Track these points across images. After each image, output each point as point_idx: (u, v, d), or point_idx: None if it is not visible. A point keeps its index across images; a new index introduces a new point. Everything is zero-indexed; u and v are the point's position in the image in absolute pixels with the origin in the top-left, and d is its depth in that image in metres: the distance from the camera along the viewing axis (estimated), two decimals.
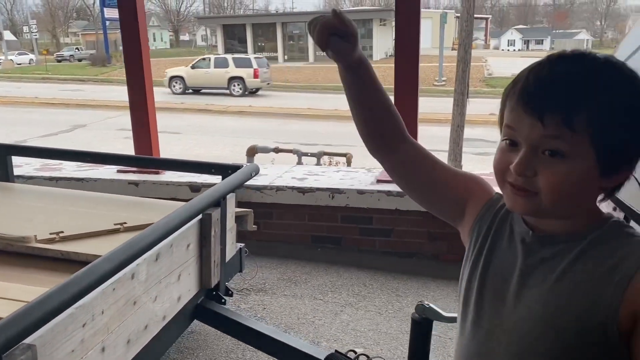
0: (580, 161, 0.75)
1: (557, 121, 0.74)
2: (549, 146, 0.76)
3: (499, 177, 0.83)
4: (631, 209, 1.06)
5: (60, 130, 13.65)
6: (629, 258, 0.75)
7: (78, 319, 1.44)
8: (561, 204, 0.79)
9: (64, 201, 2.72)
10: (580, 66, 0.76)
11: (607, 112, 0.74)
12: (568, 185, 0.77)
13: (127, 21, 3.69)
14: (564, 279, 0.79)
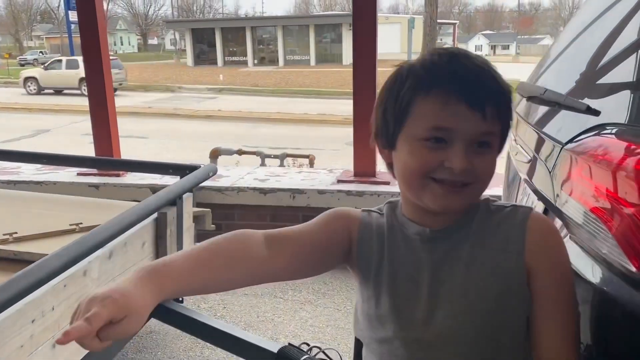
0: (495, 149, 0.84)
1: (493, 114, 0.79)
2: (482, 138, 0.80)
3: (419, 179, 0.82)
4: (548, 200, 1.14)
5: (22, 136, 13.35)
6: (513, 227, 0.84)
7: (27, 315, 1.45)
8: (484, 191, 0.86)
9: (19, 203, 2.70)
10: (482, 61, 0.82)
11: (510, 103, 0.84)
12: (493, 172, 0.85)
13: (86, 24, 3.68)
14: (473, 265, 0.84)
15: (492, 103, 0.79)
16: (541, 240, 0.84)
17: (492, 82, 0.80)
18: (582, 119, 1.04)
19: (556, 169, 1.09)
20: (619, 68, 1.13)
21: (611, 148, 0.89)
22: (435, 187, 0.81)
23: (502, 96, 0.81)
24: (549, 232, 0.85)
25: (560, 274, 0.84)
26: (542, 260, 0.83)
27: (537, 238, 0.83)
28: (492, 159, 0.83)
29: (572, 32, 1.62)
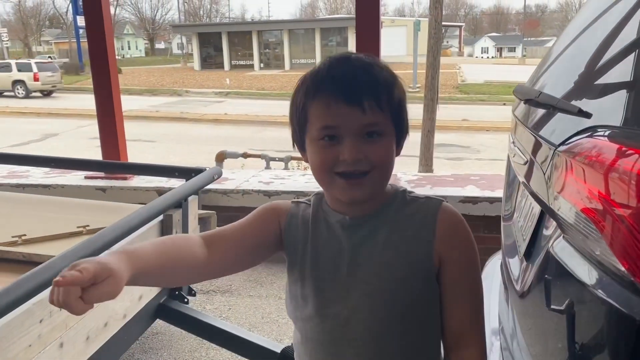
0: (389, 136, 0.92)
1: (372, 106, 0.88)
2: (369, 129, 0.89)
3: (326, 175, 0.91)
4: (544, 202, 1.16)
5: (31, 140, 13.47)
6: (426, 217, 0.95)
7: (35, 315, 1.49)
8: (386, 177, 0.94)
9: (28, 206, 2.74)
10: (360, 60, 0.92)
11: (393, 93, 0.91)
12: (389, 157, 0.92)
13: (94, 29, 3.73)
14: (387, 249, 0.94)
15: (368, 97, 0.87)
16: (449, 230, 0.94)
17: (367, 78, 0.89)
18: (575, 121, 1.06)
19: (550, 171, 1.11)
20: (612, 70, 1.15)
21: (602, 150, 0.91)
22: (340, 181, 0.90)
23: (378, 89, 0.89)
24: (457, 223, 0.95)
25: (468, 261, 0.95)
26: (451, 248, 0.94)
27: (446, 228, 0.94)
28: (384, 146, 0.90)
29: (570, 34, 1.63)
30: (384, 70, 0.92)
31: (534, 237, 1.27)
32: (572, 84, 1.35)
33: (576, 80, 1.34)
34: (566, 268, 0.97)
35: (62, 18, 62.07)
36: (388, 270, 0.93)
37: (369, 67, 0.90)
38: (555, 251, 1.03)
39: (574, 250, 0.97)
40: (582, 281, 0.92)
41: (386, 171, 0.92)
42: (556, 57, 1.64)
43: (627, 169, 0.86)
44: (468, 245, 0.96)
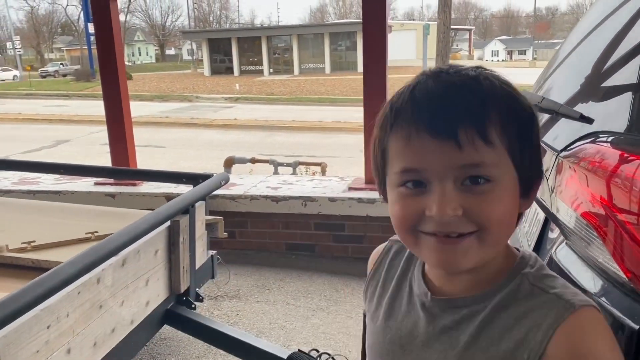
0: (507, 181, 0.64)
1: (472, 136, 0.61)
2: (471, 172, 0.62)
3: (410, 233, 0.67)
4: (547, 207, 1.15)
5: (43, 146, 13.61)
6: (538, 328, 0.62)
7: (42, 321, 1.50)
8: (500, 242, 0.66)
9: (38, 212, 2.77)
10: (461, 76, 0.65)
11: (515, 118, 0.64)
12: (505, 213, 0.64)
13: (102, 36, 3.77)
14: (465, 354, 0.67)
15: (467, 126, 0.60)
16: (570, 354, 0.61)
17: (465, 99, 0.62)
18: (577, 126, 1.06)
19: (552, 176, 1.10)
20: (615, 76, 1.14)
21: (604, 156, 0.91)
22: (429, 240, 0.65)
23: (483, 113, 0.61)
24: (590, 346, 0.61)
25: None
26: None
27: (564, 352, 0.61)
28: (496, 196, 0.62)
29: (575, 39, 1.63)
30: (497, 86, 0.64)
31: (539, 242, 1.27)
32: (576, 88, 1.34)
33: (580, 85, 1.34)
34: (568, 274, 0.97)
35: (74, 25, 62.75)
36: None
37: (469, 83, 0.63)
38: (558, 257, 1.03)
39: (576, 257, 0.97)
40: (583, 288, 0.91)
41: (498, 231, 0.64)
42: (561, 61, 1.63)
43: (629, 175, 0.85)
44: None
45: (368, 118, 3.49)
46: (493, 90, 0.64)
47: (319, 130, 15.77)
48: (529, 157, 0.65)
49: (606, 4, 1.55)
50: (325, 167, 5.26)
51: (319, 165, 5.36)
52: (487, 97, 0.63)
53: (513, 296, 0.65)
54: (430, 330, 0.71)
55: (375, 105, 3.19)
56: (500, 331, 0.64)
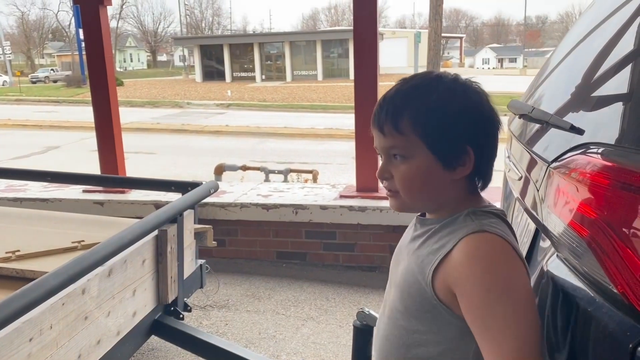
0: (418, 159, 0.93)
1: (390, 129, 0.93)
2: (392, 151, 0.95)
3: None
4: (537, 219, 1.14)
5: (32, 152, 13.49)
6: (450, 240, 0.92)
7: (24, 333, 1.47)
8: (417, 197, 0.97)
9: (24, 221, 2.73)
10: (407, 83, 0.96)
11: (422, 113, 0.92)
12: (414, 181, 0.94)
13: (92, 42, 3.75)
14: (415, 253, 0.98)
15: (389, 122, 0.93)
16: (459, 263, 0.89)
17: (391, 103, 0.94)
18: (568, 137, 1.05)
19: (542, 187, 1.09)
20: (606, 85, 1.13)
21: (594, 168, 0.90)
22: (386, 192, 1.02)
23: (397, 113, 0.92)
24: (472, 257, 0.88)
25: (477, 299, 0.86)
26: (457, 282, 0.89)
27: (457, 259, 0.89)
28: (405, 168, 0.94)
29: (565, 48, 1.63)
30: (422, 91, 0.93)
31: (530, 253, 1.26)
32: (567, 98, 1.33)
33: (570, 94, 1.33)
34: (559, 287, 0.95)
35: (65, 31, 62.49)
36: (405, 276, 0.98)
37: (403, 90, 0.95)
38: (548, 269, 1.01)
39: (567, 269, 0.95)
40: (575, 301, 0.90)
41: (411, 192, 0.95)
42: (551, 70, 1.63)
43: (619, 188, 0.84)
44: (477, 283, 0.86)
45: (359, 125, 3.48)
46: (413, 96, 0.93)
47: (311, 137, 15.76)
48: (445, 141, 0.92)
49: (596, 13, 1.55)
50: (316, 174, 5.24)
51: (311, 172, 5.34)
52: (406, 101, 0.93)
53: (453, 221, 0.95)
54: (411, 238, 1.03)
55: (367, 113, 3.18)
56: (436, 239, 0.95)
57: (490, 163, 0.97)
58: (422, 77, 0.96)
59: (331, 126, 17.15)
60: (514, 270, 0.88)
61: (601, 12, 1.48)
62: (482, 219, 0.93)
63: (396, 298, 1.01)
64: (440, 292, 0.92)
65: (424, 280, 0.93)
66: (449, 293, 0.90)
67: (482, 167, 0.95)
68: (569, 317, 0.89)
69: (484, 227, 0.90)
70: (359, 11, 3.38)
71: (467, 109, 0.92)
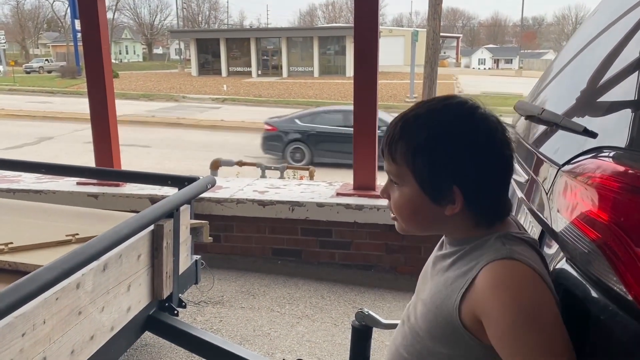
0: (407, 188, 0.96)
1: (387, 156, 0.97)
2: (390, 176, 0.99)
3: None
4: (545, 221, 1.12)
5: (25, 143, 13.40)
6: (478, 265, 0.90)
7: (17, 328, 1.43)
8: (410, 224, 0.99)
9: (16, 212, 2.69)
10: (415, 107, 0.98)
11: (412, 148, 0.93)
12: (404, 208, 0.97)
13: (89, 33, 3.70)
14: (444, 274, 0.97)
15: (387, 148, 0.97)
16: (485, 291, 0.88)
17: (394, 129, 0.96)
18: (580, 140, 1.03)
19: (553, 191, 1.07)
20: (618, 88, 1.12)
21: (608, 172, 0.88)
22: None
23: (392, 143, 0.95)
24: (498, 285, 0.87)
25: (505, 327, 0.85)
26: (483, 310, 0.87)
27: (483, 286, 0.88)
28: (397, 195, 0.97)
29: (574, 48, 1.61)
30: (418, 124, 0.94)
31: None
32: (574, 101, 1.32)
33: (577, 98, 1.31)
34: (569, 292, 0.93)
35: (60, 21, 62.04)
36: (432, 296, 0.98)
37: (405, 119, 0.96)
38: (557, 274, 0.99)
39: (578, 275, 0.93)
40: (585, 307, 0.88)
41: (403, 218, 0.99)
42: (557, 72, 1.61)
43: (633, 193, 0.82)
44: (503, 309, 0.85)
45: (357, 124, 3.45)
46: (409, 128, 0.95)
47: None
48: (430, 180, 0.93)
49: (601, 18, 1.54)
50: (313, 171, 5.21)
51: (307, 169, 5.31)
52: (402, 132, 0.95)
53: (483, 244, 0.93)
54: (436, 257, 1.04)
55: (365, 111, 3.16)
56: (463, 262, 0.94)
57: (493, 198, 0.95)
58: (430, 105, 0.96)
59: None
60: (541, 298, 0.87)
61: (607, 16, 1.46)
62: (513, 244, 0.91)
63: (421, 315, 0.99)
64: (465, 318, 0.90)
65: (451, 305, 0.91)
66: (475, 320, 0.89)
67: (481, 203, 0.93)
68: (579, 324, 0.88)
69: (512, 254, 0.89)
70: (360, 8, 3.35)
71: (462, 149, 0.91)
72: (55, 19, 65.22)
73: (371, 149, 3.47)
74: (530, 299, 0.85)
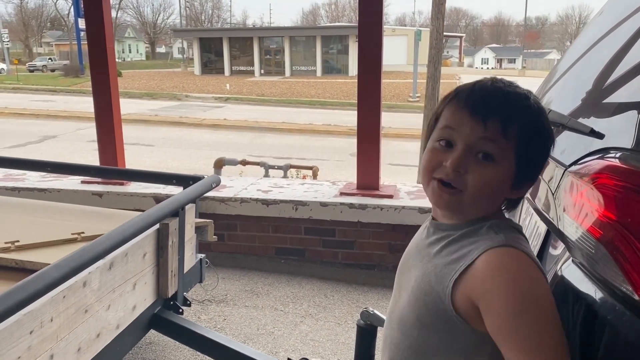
0: (504, 167, 0.89)
1: (496, 126, 0.87)
2: (484, 148, 0.88)
3: (427, 175, 0.94)
4: (550, 221, 1.13)
5: (28, 141, 13.43)
6: (472, 252, 0.89)
7: (25, 326, 1.45)
8: (481, 202, 0.92)
9: (22, 211, 2.70)
10: (514, 89, 0.91)
11: (529, 129, 0.90)
12: (491, 187, 0.90)
13: (94, 32, 3.71)
14: (432, 261, 0.95)
15: (495, 117, 0.88)
16: (484, 276, 0.87)
17: (503, 100, 0.89)
18: (586, 141, 1.03)
19: (559, 191, 1.08)
20: (624, 89, 1.12)
21: (615, 173, 0.88)
22: (434, 184, 0.93)
23: (510, 114, 0.88)
24: (499, 271, 0.86)
25: (504, 312, 0.85)
26: (482, 296, 0.87)
27: (482, 272, 0.87)
28: (490, 173, 0.89)
29: (580, 49, 1.61)
30: (532, 103, 0.91)
31: (540, 256, 1.24)
32: (580, 102, 1.32)
33: (583, 99, 1.31)
34: (575, 293, 0.94)
35: (64, 20, 62.11)
36: (420, 283, 0.95)
37: (513, 93, 0.90)
38: (564, 274, 1.00)
39: (584, 275, 0.94)
40: (591, 308, 0.89)
41: (480, 197, 0.90)
42: (563, 73, 1.61)
43: None
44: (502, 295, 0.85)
45: (362, 122, 3.45)
46: (526, 107, 0.90)
47: (309, 132, 15.75)
48: (531, 160, 0.92)
49: (607, 19, 1.54)
50: (316, 170, 5.22)
51: (311, 168, 5.32)
52: (519, 108, 0.90)
53: (475, 231, 0.92)
54: (422, 244, 1.00)
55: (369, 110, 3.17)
56: (455, 248, 0.92)
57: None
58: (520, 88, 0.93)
59: (329, 122, 17.13)
60: (539, 285, 0.87)
61: (612, 17, 1.46)
62: (507, 232, 0.91)
63: (407, 305, 0.97)
64: (459, 304, 0.89)
65: (442, 291, 0.90)
66: (470, 306, 0.88)
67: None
68: (586, 324, 0.88)
69: (510, 241, 0.89)
70: (365, 7, 3.35)
71: (552, 141, 0.94)
72: (58, 17, 65.30)
73: (375, 148, 3.47)
74: (530, 285, 0.86)
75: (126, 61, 59.55)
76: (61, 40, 62.65)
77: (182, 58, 56.38)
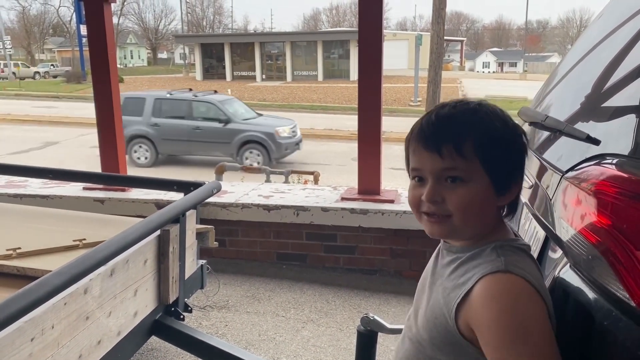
0: (476, 182, 0.92)
1: (451, 152, 0.91)
2: (449, 174, 0.92)
3: (415, 211, 0.99)
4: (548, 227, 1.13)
5: (31, 148, 13.46)
6: (474, 277, 0.91)
7: (26, 333, 1.45)
8: (470, 222, 0.95)
9: (24, 218, 2.71)
10: (460, 108, 0.95)
11: (487, 139, 0.92)
12: (473, 203, 0.93)
13: (95, 38, 3.73)
14: (443, 284, 0.98)
15: (447, 144, 0.91)
16: (477, 304, 0.89)
17: (450, 124, 0.93)
18: (583, 147, 1.04)
19: (556, 197, 1.08)
20: (622, 93, 1.12)
21: (611, 179, 0.89)
22: (424, 218, 0.98)
23: (460, 135, 0.91)
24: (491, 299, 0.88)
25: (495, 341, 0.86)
26: (476, 323, 0.89)
27: (476, 299, 0.89)
28: (464, 192, 0.92)
29: (579, 52, 1.62)
30: (482, 114, 0.93)
31: (539, 260, 1.24)
32: (578, 106, 1.32)
33: (581, 104, 1.32)
34: (573, 298, 0.94)
35: (66, 26, 62.30)
36: (432, 306, 0.98)
37: (460, 114, 0.93)
38: (561, 280, 1.00)
39: (581, 280, 0.94)
40: (589, 313, 0.89)
41: (466, 217, 0.93)
42: (562, 77, 1.62)
43: (636, 200, 0.83)
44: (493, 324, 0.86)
45: (363, 128, 3.46)
46: (476, 122, 0.93)
47: (310, 137, 15.72)
48: (501, 165, 0.93)
49: (606, 23, 1.54)
50: (318, 176, 5.22)
51: (312, 174, 5.33)
52: (467, 125, 0.92)
53: (480, 253, 0.95)
54: (436, 266, 1.04)
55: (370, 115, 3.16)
56: (462, 271, 0.95)
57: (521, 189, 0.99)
58: (468, 104, 0.96)
59: (331, 127, 17.13)
60: (533, 313, 0.87)
61: (611, 21, 1.47)
62: (509, 255, 0.92)
63: (422, 325, 1.00)
64: (462, 328, 0.92)
65: (448, 315, 0.93)
66: (471, 331, 0.91)
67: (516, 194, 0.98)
68: (583, 330, 0.88)
69: (508, 266, 0.89)
70: (365, 12, 3.36)
71: (520, 137, 0.96)
72: (60, 24, 65.50)
73: (376, 154, 3.47)
74: (522, 314, 0.86)
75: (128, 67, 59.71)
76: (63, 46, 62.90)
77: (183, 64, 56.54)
